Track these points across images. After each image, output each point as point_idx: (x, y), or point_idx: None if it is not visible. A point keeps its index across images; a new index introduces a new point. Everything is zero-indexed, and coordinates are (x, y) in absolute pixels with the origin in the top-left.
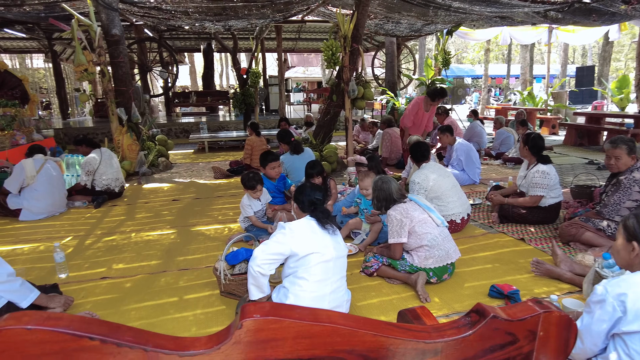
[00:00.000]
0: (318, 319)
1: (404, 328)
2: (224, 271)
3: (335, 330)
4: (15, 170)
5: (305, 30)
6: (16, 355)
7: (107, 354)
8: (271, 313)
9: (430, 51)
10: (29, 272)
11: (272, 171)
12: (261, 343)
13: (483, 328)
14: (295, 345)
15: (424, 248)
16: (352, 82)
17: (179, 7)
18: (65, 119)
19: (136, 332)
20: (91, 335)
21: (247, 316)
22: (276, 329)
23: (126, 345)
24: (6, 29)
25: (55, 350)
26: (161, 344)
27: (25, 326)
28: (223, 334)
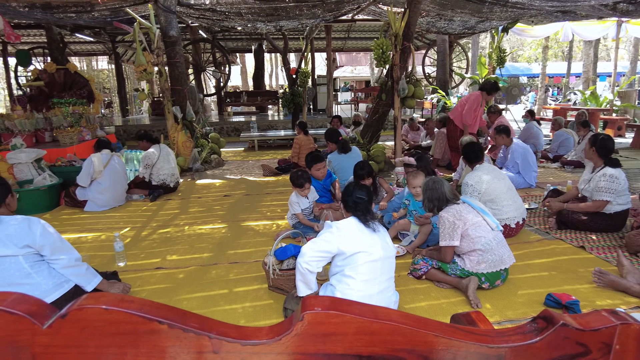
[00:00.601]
0: (378, 317)
1: (466, 331)
2: (272, 266)
3: (396, 328)
4: (85, 164)
5: (355, 30)
6: (94, 332)
7: (173, 337)
8: (332, 307)
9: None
10: (92, 259)
11: (317, 172)
12: (321, 336)
13: (551, 336)
14: (355, 341)
15: (477, 252)
16: (403, 81)
17: (232, 8)
18: (124, 117)
19: (201, 319)
20: (160, 319)
21: (309, 309)
22: (337, 324)
23: (192, 331)
24: (78, 33)
25: (127, 331)
26: (224, 332)
27: (103, 306)
28: (284, 325)
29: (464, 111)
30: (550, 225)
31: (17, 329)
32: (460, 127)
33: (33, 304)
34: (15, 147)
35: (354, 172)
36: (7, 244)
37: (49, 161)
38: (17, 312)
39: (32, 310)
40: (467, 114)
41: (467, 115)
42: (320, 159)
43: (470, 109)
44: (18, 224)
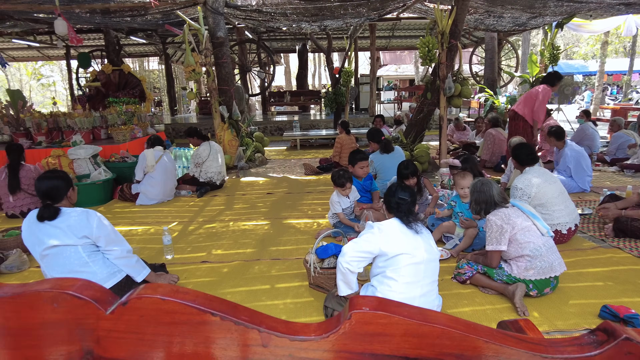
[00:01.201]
0: (427, 319)
1: (518, 338)
2: (313, 264)
3: (445, 332)
4: (139, 158)
5: (399, 28)
6: (151, 320)
7: (225, 330)
8: (380, 308)
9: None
10: (142, 251)
11: (360, 170)
12: (368, 336)
13: (612, 350)
14: (402, 343)
15: (525, 258)
16: (449, 80)
17: (277, 9)
18: (173, 115)
19: (251, 313)
20: (213, 311)
21: (356, 308)
22: (385, 324)
23: (243, 324)
24: (132, 36)
25: (182, 321)
26: (273, 327)
27: (160, 296)
28: (332, 323)
29: (536, 107)
30: (607, 232)
31: (84, 313)
32: (531, 123)
33: (97, 291)
34: (75, 144)
35: (397, 171)
36: (68, 234)
37: (104, 157)
38: (84, 297)
39: (97, 297)
40: (540, 109)
41: (539, 110)
42: (365, 156)
43: (542, 104)
44: (78, 216)
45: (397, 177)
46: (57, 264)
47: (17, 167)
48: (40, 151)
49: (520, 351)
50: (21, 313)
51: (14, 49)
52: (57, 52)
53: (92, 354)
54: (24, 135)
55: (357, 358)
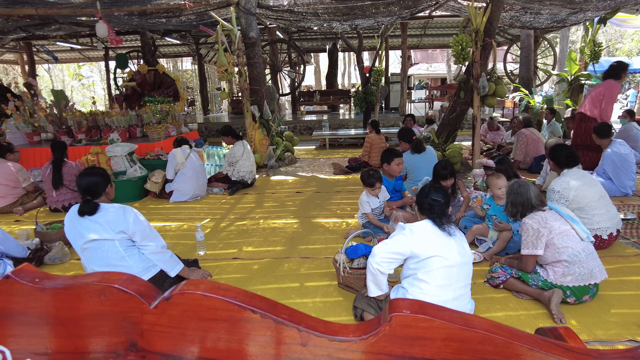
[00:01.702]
0: (469, 325)
1: (565, 347)
2: (343, 264)
3: (488, 338)
4: (169, 159)
5: (431, 26)
6: (193, 316)
7: (265, 327)
8: (421, 311)
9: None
10: (175, 247)
11: (396, 167)
12: (408, 339)
13: None
14: (443, 347)
15: (563, 263)
16: (483, 78)
17: (309, 8)
18: (205, 115)
19: (291, 312)
20: (254, 309)
21: (397, 311)
22: (425, 328)
23: (282, 322)
24: (167, 37)
25: (223, 317)
26: (313, 326)
27: (202, 292)
28: (372, 325)
29: (604, 105)
30: None
31: (129, 307)
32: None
33: (141, 285)
34: (112, 142)
35: (434, 171)
36: (107, 228)
37: (140, 154)
38: (129, 292)
39: (141, 291)
40: (608, 107)
41: (607, 108)
42: (401, 154)
43: (610, 102)
44: (115, 211)
45: (433, 177)
46: (95, 257)
47: (61, 164)
48: (80, 148)
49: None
50: (71, 304)
51: (58, 51)
52: (97, 54)
53: (136, 346)
54: (65, 133)
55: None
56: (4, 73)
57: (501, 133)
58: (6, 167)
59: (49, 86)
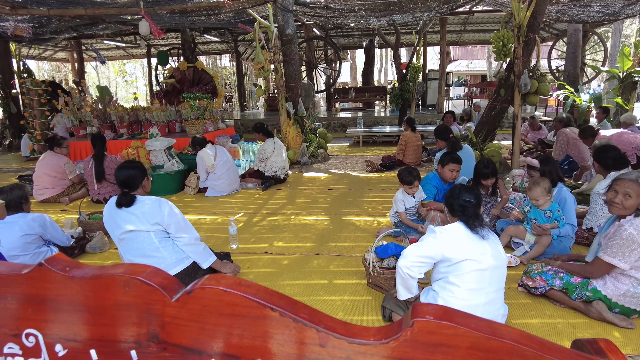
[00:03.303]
0: (497, 334)
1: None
2: (372, 263)
3: (516, 349)
4: (198, 162)
5: (472, 22)
6: (213, 311)
7: (284, 326)
8: (445, 317)
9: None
10: (209, 240)
11: (449, 173)
12: (431, 346)
13: None
14: (468, 356)
15: (632, 281)
16: (525, 76)
17: (346, 5)
18: (242, 111)
19: (311, 311)
20: (273, 306)
21: (420, 316)
22: (449, 335)
23: (301, 321)
24: (206, 34)
25: (242, 314)
26: (332, 327)
27: (222, 287)
28: (393, 329)
29: None
30: None
31: (152, 299)
32: None
33: (165, 278)
34: (152, 136)
35: (475, 169)
36: (143, 220)
37: (178, 149)
38: (152, 284)
39: (164, 284)
40: None
41: None
42: (458, 160)
43: None
44: (151, 204)
45: (475, 175)
46: (131, 248)
47: (102, 157)
48: (122, 142)
49: None
50: (98, 293)
51: (104, 49)
52: (140, 51)
53: (157, 338)
54: (109, 127)
55: None
56: (57, 70)
57: (543, 132)
58: (55, 160)
59: (95, 83)
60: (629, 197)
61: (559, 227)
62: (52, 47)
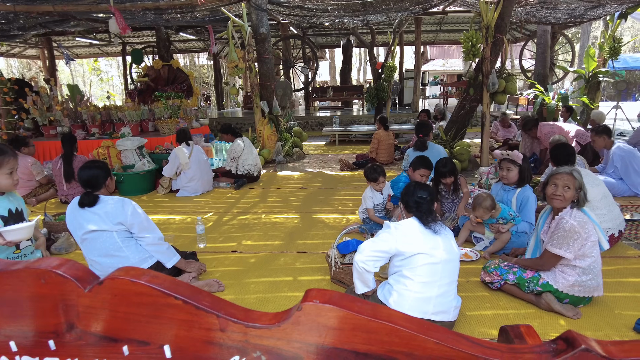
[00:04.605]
0: (377, 316)
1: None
2: (334, 259)
3: (394, 330)
4: (170, 158)
5: (447, 22)
6: (122, 300)
7: (187, 312)
8: (331, 301)
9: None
10: (177, 239)
11: (420, 177)
12: (319, 328)
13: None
14: (352, 337)
15: (577, 271)
16: (493, 75)
17: (319, 4)
18: (220, 110)
19: (214, 300)
20: (176, 295)
21: (308, 300)
22: (334, 317)
23: (203, 308)
24: (181, 32)
25: (149, 302)
26: (232, 313)
27: (130, 278)
28: (286, 313)
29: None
30: None
31: (66, 290)
32: None
33: (79, 270)
34: (123, 135)
35: (435, 169)
36: (105, 220)
37: (150, 149)
38: (66, 276)
39: (78, 275)
40: None
41: None
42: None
43: None
44: (114, 204)
45: (435, 174)
46: (94, 248)
47: (71, 157)
48: (93, 142)
49: (474, 355)
50: (16, 286)
51: (77, 47)
52: (115, 49)
53: (74, 327)
54: (80, 126)
55: (309, 348)
56: (27, 68)
57: (513, 131)
58: (21, 161)
59: (69, 81)
60: (568, 188)
61: (515, 224)
62: (21, 43)
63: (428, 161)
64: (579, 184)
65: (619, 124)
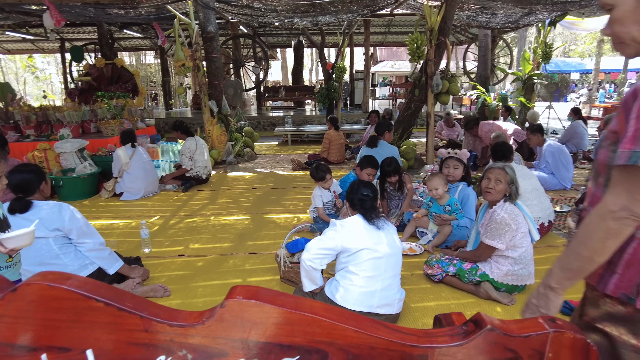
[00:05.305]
0: (299, 308)
1: (391, 328)
2: (283, 258)
3: (315, 321)
4: (114, 159)
5: (395, 24)
6: (40, 306)
7: (109, 315)
8: (254, 297)
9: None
10: (120, 245)
11: (366, 176)
12: (243, 324)
13: (478, 340)
14: (275, 330)
15: (509, 261)
16: (437, 76)
17: (268, 4)
18: (168, 110)
19: (137, 300)
20: (97, 298)
21: (231, 297)
22: (257, 312)
23: (125, 310)
24: (126, 30)
25: (68, 307)
26: (156, 313)
27: (48, 283)
28: (211, 311)
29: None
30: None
31: None
32: None
33: None
34: (62, 137)
35: (380, 168)
36: (40, 226)
37: (92, 151)
38: None
39: None
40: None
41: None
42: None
43: None
44: (50, 209)
45: (380, 174)
46: (27, 256)
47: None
48: (28, 144)
49: (392, 341)
50: None
51: (8, 42)
52: (52, 45)
53: None
54: (13, 128)
55: (234, 344)
56: None
57: (456, 130)
58: None
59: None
60: (500, 182)
61: (457, 219)
62: None
63: (374, 160)
64: (510, 178)
65: (552, 123)
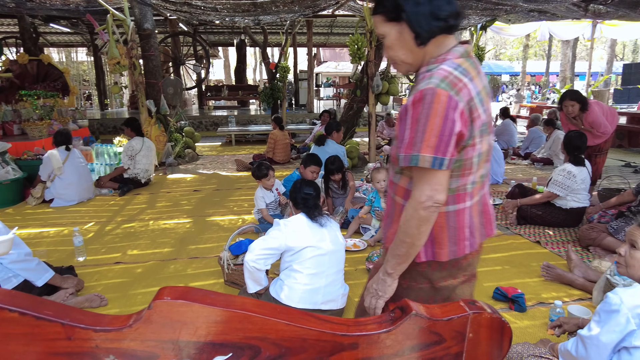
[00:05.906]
0: (230, 305)
1: (321, 319)
2: (227, 261)
3: (247, 317)
4: (44, 161)
5: (338, 25)
6: None
7: (25, 325)
8: (182, 297)
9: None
10: (51, 254)
11: (310, 174)
12: (172, 324)
13: (405, 325)
14: (207, 329)
15: None
16: (377, 77)
17: (207, 2)
18: (103, 110)
19: (58, 308)
20: (10, 307)
21: (159, 298)
22: (186, 312)
23: (44, 318)
24: (52, 24)
25: None
26: (79, 319)
27: None
28: (138, 314)
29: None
30: (511, 220)
31: None
32: None
33: None
34: None
35: (324, 167)
36: None
37: (16, 154)
38: None
39: None
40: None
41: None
42: (320, 163)
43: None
44: None
45: (324, 172)
46: None
47: None
48: None
49: (322, 331)
50: None
51: None
52: None
53: None
54: None
55: (164, 345)
56: None
57: None
58: None
59: None
60: None
61: None
62: None
63: (318, 158)
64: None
65: None
